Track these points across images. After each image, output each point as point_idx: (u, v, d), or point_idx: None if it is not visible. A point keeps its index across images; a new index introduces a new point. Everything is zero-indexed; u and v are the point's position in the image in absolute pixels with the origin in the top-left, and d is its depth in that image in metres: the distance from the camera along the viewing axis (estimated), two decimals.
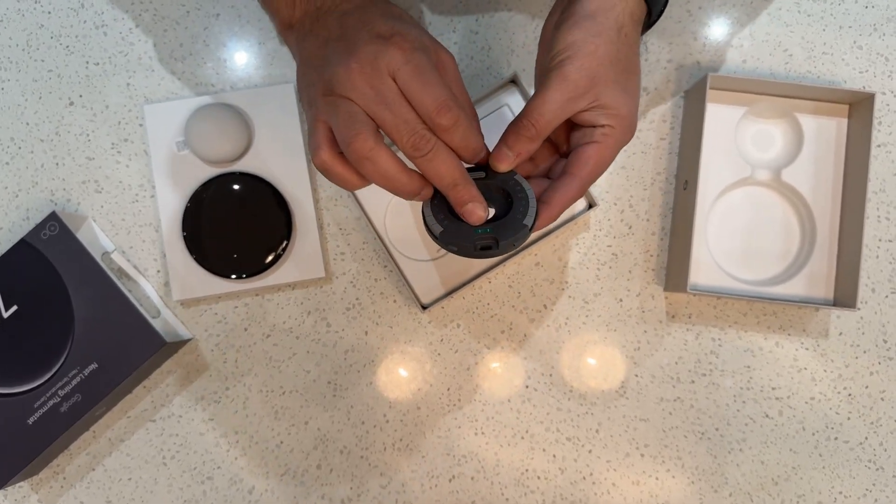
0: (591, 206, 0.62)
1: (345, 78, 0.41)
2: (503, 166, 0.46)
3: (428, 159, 0.42)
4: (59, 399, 0.59)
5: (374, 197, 0.63)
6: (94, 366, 0.59)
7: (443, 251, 0.62)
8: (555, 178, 0.47)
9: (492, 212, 0.46)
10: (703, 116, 0.59)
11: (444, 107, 0.41)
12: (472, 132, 0.43)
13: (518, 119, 0.45)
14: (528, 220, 0.45)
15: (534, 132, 0.44)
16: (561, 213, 0.46)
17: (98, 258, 0.61)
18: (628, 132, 0.46)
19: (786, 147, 0.63)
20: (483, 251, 0.45)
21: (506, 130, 0.46)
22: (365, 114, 0.41)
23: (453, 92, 0.42)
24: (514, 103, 0.63)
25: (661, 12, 0.49)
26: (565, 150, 0.49)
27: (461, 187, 0.43)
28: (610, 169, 0.64)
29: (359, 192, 0.62)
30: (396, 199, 0.63)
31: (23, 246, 0.60)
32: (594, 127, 0.46)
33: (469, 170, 0.45)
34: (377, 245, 0.64)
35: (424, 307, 0.62)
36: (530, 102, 0.45)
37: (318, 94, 0.43)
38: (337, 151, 0.43)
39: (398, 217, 0.63)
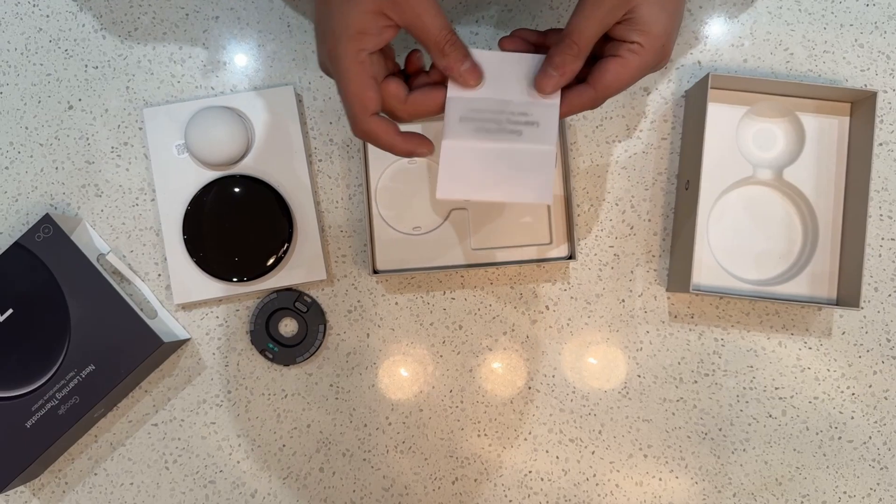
0: (570, 256, 0.62)
1: None
2: (549, 87, 0.46)
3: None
4: (56, 402, 0.59)
5: (380, 154, 0.62)
6: (91, 367, 0.59)
7: (419, 229, 0.62)
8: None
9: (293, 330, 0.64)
10: (704, 116, 0.59)
11: None
12: None
13: (560, 40, 0.46)
14: (301, 359, 0.63)
15: (576, 50, 0.45)
16: (563, 115, 0.48)
17: (94, 260, 0.61)
18: (658, 55, 0.46)
19: (787, 146, 0.63)
20: (262, 352, 0.63)
21: (548, 54, 0.47)
22: None
23: None
24: None
25: None
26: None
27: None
28: (610, 169, 0.64)
29: (369, 146, 0.62)
30: (397, 164, 0.63)
31: (17, 249, 0.60)
32: (623, 42, 0.46)
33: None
34: None
35: (376, 272, 0.62)
36: (570, 21, 0.46)
37: None
38: None
39: (394, 182, 0.62)
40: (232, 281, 0.62)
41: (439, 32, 0.44)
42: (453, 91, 0.47)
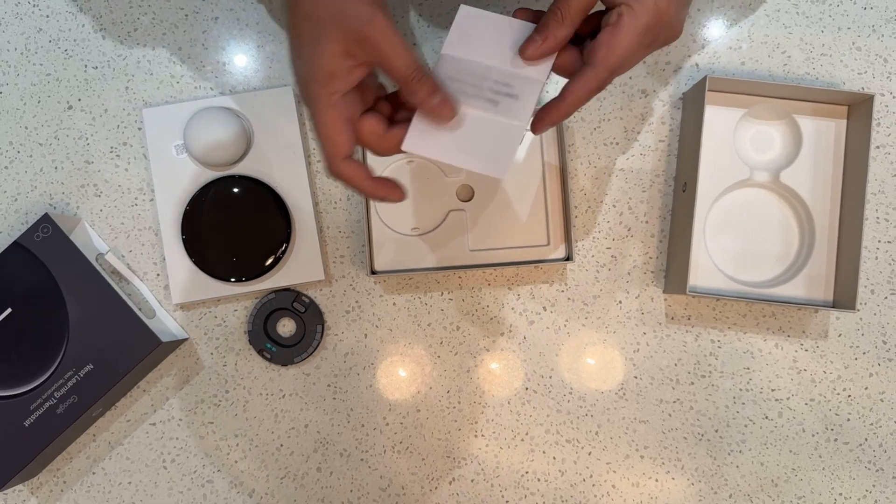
0: (568, 258, 0.62)
1: None
2: (529, 51, 0.45)
3: None
4: (55, 401, 0.59)
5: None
6: (89, 367, 0.59)
7: (417, 230, 0.63)
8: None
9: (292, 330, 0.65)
10: (701, 118, 0.59)
11: None
12: None
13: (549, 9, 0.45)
14: (298, 359, 0.64)
15: (560, 16, 0.44)
16: (574, 105, 0.46)
17: (92, 259, 0.61)
18: (653, 15, 0.44)
19: (784, 149, 0.63)
20: (260, 352, 0.64)
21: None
22: None
23: None
24: None
25: None
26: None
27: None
28: (608, 171, 0.64)
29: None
30: (395, 165, 0.63)
31: (16, 248, 0.60)
32: (613, 7, 0.44)
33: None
34: None
35: (374, 272, 0.62)
36: None
37: None
38: None
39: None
40: (230, 281, 0.62)
41: (406, 70, 0.43)
42: (448, 49, 0.47)
